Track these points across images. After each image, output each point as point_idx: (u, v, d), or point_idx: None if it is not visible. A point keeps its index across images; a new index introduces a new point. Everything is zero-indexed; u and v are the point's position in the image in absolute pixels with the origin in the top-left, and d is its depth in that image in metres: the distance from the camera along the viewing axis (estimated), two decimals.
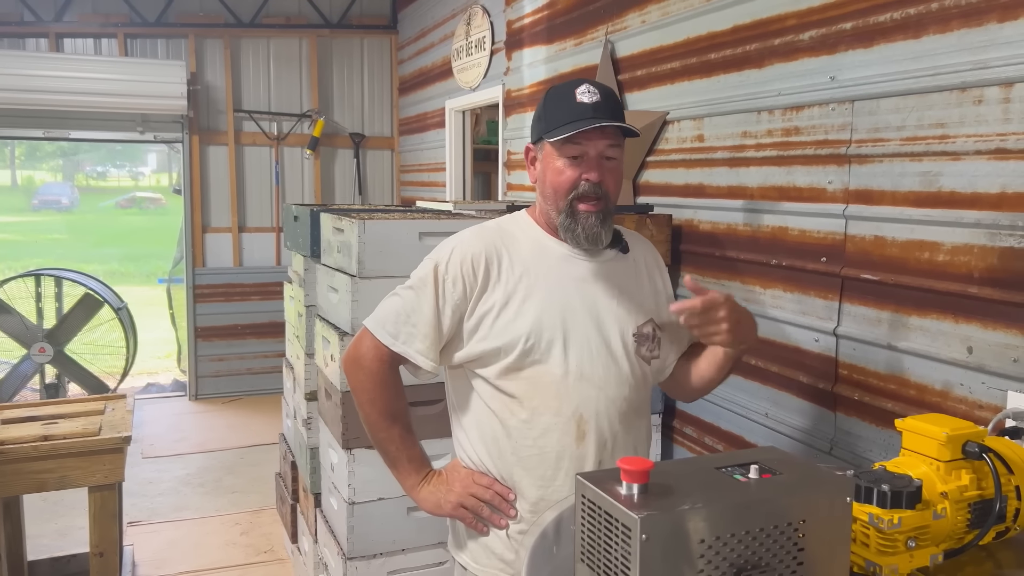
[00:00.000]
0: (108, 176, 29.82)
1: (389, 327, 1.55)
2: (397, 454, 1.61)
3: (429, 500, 1.60)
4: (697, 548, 0.91)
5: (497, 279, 1.52)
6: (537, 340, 1.49)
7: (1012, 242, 1.65)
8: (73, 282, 5.57)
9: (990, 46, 1.68)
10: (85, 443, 2.67)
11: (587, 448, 1.51)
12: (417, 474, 1.61)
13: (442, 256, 1.54)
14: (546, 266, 1.54)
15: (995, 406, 1.68)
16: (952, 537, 1.13)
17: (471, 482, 1.55)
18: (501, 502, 1.54)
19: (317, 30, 6.15)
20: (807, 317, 2.21)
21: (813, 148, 2.17)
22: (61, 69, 5.35)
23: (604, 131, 1.46)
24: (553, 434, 1.50)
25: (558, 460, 1.51)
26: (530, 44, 3.88)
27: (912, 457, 1.17)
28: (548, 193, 1.52)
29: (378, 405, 1.58)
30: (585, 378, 1.50)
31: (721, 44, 2.52)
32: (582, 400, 1.50)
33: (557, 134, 1.46)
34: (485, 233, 1.58)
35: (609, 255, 1.58)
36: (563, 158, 1.48)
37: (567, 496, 1.54)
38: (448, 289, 1.51)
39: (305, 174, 6.27)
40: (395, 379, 1.59)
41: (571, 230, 1.50)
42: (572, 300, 1.52)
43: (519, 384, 1.50)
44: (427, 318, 1.52)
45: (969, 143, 1.73)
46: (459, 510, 1.56)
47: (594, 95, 1.47)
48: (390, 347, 1.54)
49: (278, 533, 3.83)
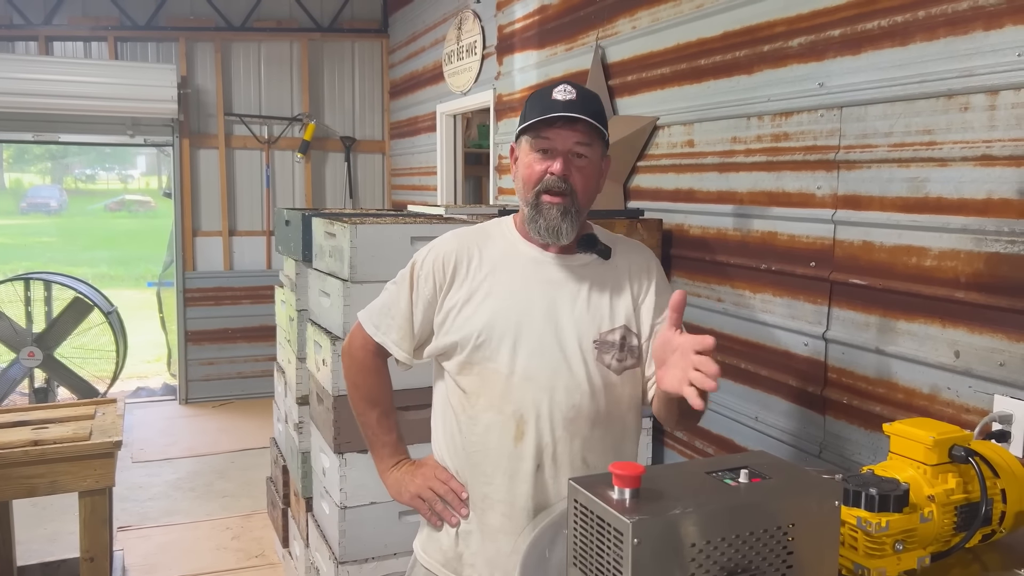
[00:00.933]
0: (97, 179, 29.70)
1: (374, 318, 1.67)
2: (373, 437, 1.72)
3: (393, 486, 1.69)
4: (688, 552, 0.92)
5: (465, 276, 1.56)
6: (488, 337, 1.51)
7: (998, 247, 1.67)
8: (62, 286, 5.55)
9: (976, 54, 1.70)
10: (75, 448, 2.66)
11: (525, 449, 1.51)
12: (389, 459, 1.70)
13: (421, 254, 1.63)
14: (514, 267, 1.56)
15: (982, 409, 1.70)
16: (939, 540, 1.15)
17: (432, 475, 1.61)
18: (454, 499, 1.58)
19: (308, 33, 6.15)
20: (796, 321, 2.22)
21: (802, 154, 2.19)
22: (51, 72, 5.33)
23: (573, 127, 1.48)
24: (493, 432, 1.53)
25: (497, 458, 1.53)
26: (521, 49, 3.89)
27: (899, 461, 1.19)
28: (519, 187, 1.55)
29: (360, 390, 1.71)
30: (531, 379, 1.50)
31: (711, 50, 2.54)
32: (525, 401, 1.51)
33: (525, 123, 1.49)
34: (464, 234, 1.64)
35: (584, 259, 1.57)
36: (534, 152, 1.51)
37: (560, 500, 1.55)
38: (421, 285, 1.59)
39: (296, 178, 6.27)
40: (378, 367, 1.70)
41: (535, 222, 1.51)
42: (532, 302, 1.52)
43: (470, 380, 1.55)
44: (403, 311, 1.61)
45: (956, 150, 1.75)
46: (416, 500, 1.63)
47: (570, 94, 1.49)
48: (373, 336, 1.65)
49: (269, 537, 3.82)
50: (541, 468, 1.52)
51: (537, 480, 1.52)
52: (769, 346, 2.33)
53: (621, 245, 1.65)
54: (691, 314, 2.67)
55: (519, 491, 1.52)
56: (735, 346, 2.47)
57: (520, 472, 1.52)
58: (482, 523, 1.56)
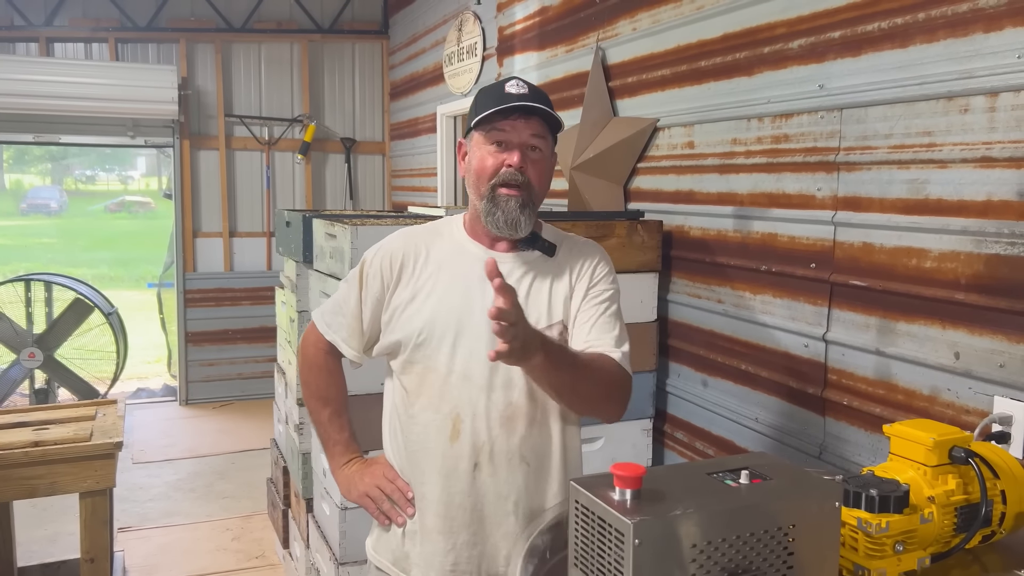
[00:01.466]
0: (97, 180, 29.69)
1: (326, 317, 1.68)
2: (325, 435, 1.72)
3: (343, 484, 1.69)
4: (689, 552, 0.92)
5: (411, 275, 1.57)
6: (429, 336, 1.52)
7: (998, 249, 1.67)
8: (63, 287, 5.55)
9: (975, 56, 1.71)
10: (76, 449, 2.66)
11: (461, 448, 1.51)
12: (341, 456, 1.70)
13: (370, 254, 1.64)
14: (458, 266, 1.56)
15: (981, 411, 1.71)
16: (939, 541, 1.15)
17: (380, 475, 1.62)
18: (400, 498, 1.59)
19: (308, 35, 6.16)
20: (796, 323, 2.23)
21: (802, 155, 2.19)
22: (51, 73, 5.33)
23: (528, 120, 1.48)
24: (431, 431, 1.54)
25: (433, 457, 1.54)
26: (521, 50, 3.90)
27: (900, 462, 1.19)
28: (472, 181, 1.54)
29: (311, 388, 1.72)
30: (469, 378, 1.51)
31: (711, 52, 2.54)
32: (461, 400, 1.51)
33: (482, 119, 1.48)
34: (413, 232, 1.65)
35: (528, 257, 1.57)
36: (488, 145, 1.50)
37: (560, 501, 1.55)
38: (370, 283, 1.60)
39: (296, 179, 6.27)
40: (331, 365, 1.70)
41: (491, 214, 1.50)
42: (474, 300, 1.51)
43: (411, 378, 1.56)
44: (352, 309, 1.62)
45: (955, 151, 1.76)
46: (364, 499, 1.63)
47: (522, 88, 1.50)
48: (324, 335, 1.67)
49: (269, 538, 3.82)
50: (479, 467, 1.52)
51: (475, 479, 1.52)
52: (769, 347, 2.34)
53: (570, 243, 1.63)
54: (691, 315, 2.68)
55: (455, 490, 1.52)
56: (735, 347, 2.47)
57: (456, 471, 1.52)
58: (421, 522, 1.56)
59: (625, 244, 2.58)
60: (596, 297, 1.56)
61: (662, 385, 2.80)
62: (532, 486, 1.55)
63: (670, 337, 2.78)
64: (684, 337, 2.72)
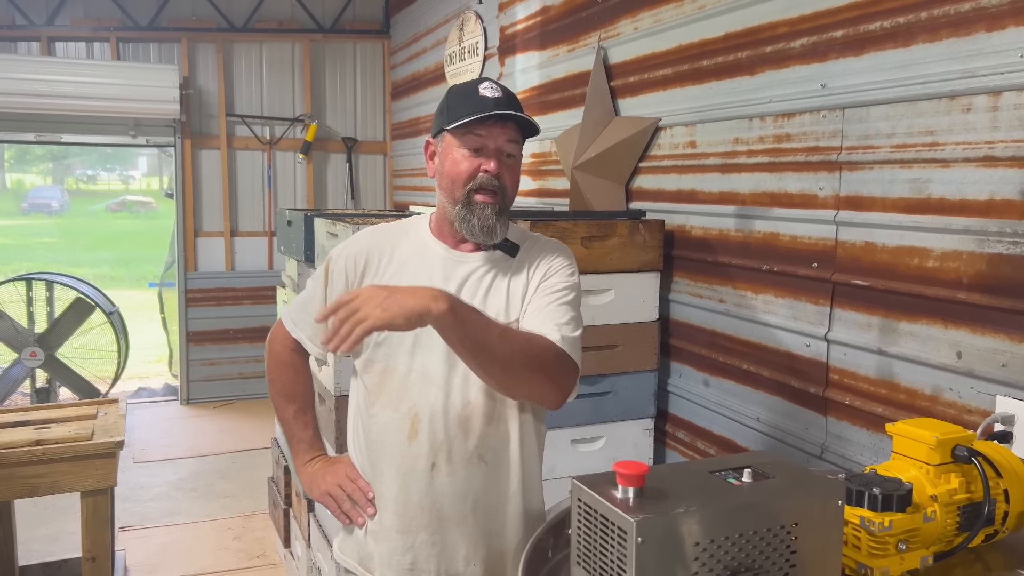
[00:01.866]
0: (98, 179, 29.72)
1: (293, 314, 1.69)
2: (289, 433, 1.72)
3: (306, 482, 1.69)
4: (692, 551, 0.92)
5: (375, 274, 1.57)
6: (388, 336, 1.52)
7: (1000, 248, 1.67)
8: (64, 286, 5.55)
9: (978, 55, 1.70)
10: (78, 448, 2.66)
11: (419, 447, 1.52)
12: (305, 454, 1.70)
13: (336, 251, 1.64)
14: (420, 265, 1.56)
15: (984, 410, 1.70)
16: (942, 540, 1.15)
17: (343, 474, 1.62)
18: (361, 497, 1.59)
19: (310, 35, 6.16)
20: (798, 322, 2.22)
21: (804, 155, 2.19)
22: (53, 73, 5.33)
23: (504, 125, 1.48)
24: (389, 430, 1.54)
25: (391, 456, 1.54)
26: (523, 50, 3.90)
27: (902, 461, 1.19)
28: (445, 184, 1.52)
29: (276, 385, 1.72)
30: (427, 377, 1.51)
31: (713, 51, 2.54)
32: (420, 399, 1.51)
33: (455, 123, 1.47)
34: (378, 231, 1.65)
35: (490, 256, 1.57)
36: (462, 149, 1.49)
37: (563, 499, 1.55)
38: (334, 281, 1.60)
39: (297, 178, 6.28)
40: (296, 363, 1.71)
41: (467, 220, 1.50)
42: None
43: (372, 377, 1.56)
44: (317, 307, 1.60)
45: (958, 151, 1.76)
46: (325, 498, 1.63)
47: (496, 91, 1.49)
48: (291, 332, 1.68)
49: (271, 538, 3.82)
50: (436, 467, 1.52)
51: (433, 479, 1.52)
52: (771, 347, 2.33)
53: (532, 242, 1.63)
54: (693, 315, 2.68)
55: (413, 489, 1.53)
56: (737, 347, 2.47)
57: (415, 471, 1.52)
58: (380, 522, 1.57)
59: (627, 244, 2.58)
60: (548, 288, 1.54)
61: (663, 385, 2.80)
62: (491, 485, 1.56)
63: (671, 336, 2.78)
64: (686, 337, 2.72)
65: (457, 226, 1.52)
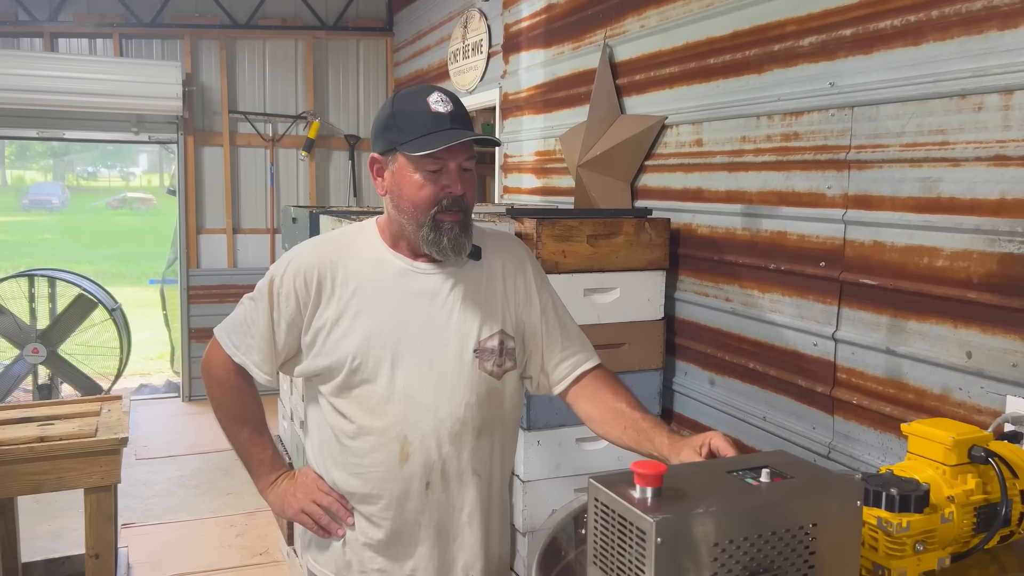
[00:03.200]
0: (99, 176, 29.69)
1: (233, 336, 1.58)
2: (247, 456, 1.64)
3: (276, 503, 1.63)
4: (711, 551, 0.91)
5: (331, 294, 1.49)
6: (364, 359, 1.46)
7: (1011, 248, 1.66)
8: (67, 282, 5.55)
9: (990, 54, 1.70)
10: (81, 444, 2.66)
11: (412, 469, 1.48)
12: (268, 475, 1.64)
13: (278, 270, 1.54)
14: (382, 281, 1.50)
15: (993, 410, 1.70)
16: (958, 541, 1.15)
17: (314, 488, 1.57)
18: (340, 509, 1.54)
19: (313, 32, 6.15)
20: (805, 321, 2.22)
21: (812, 153, 2.18)
22: (56, 69, 5.33)
23: (464, 144, 1.42)
24: (378, 454, 1.49)
25: (383, 480, 1.50)
26: (528, 48, 3.89)
27: (918, 461, 1.18)
28: (406, 208, 1.45)
29: (226, 411, 1.63)
30: (413, 398, 1.47)
31: (720, 49, 2.53)
32: (408, 421, 1.47)
33: (416, 148, 1.39)
34: (323, 245, 1.57)
35: (455, 264, 1.53)
36: (421, 171, 1.42)
37: (576, 498, 1.55)
38: (282, 304, 1.51)
39: (300, 176, 6.27)
40: (243, 385, 1.61)
41: (436, 243, 1.45)
42: (406, 317, 1.48)
43: (349, 403, 1.50)
44: (262, 331, 1.53)
45: (969, 150, 1.75)
46: (300, 516, 1.58)
47: (447, 104, 1.43)
48: (232, 357, 1.57)
49: (273, 535, 3.82)
50: (431, 486, 1.49)
51: (428, 497, 1.50)
52: (778, 346, 2.33)
53: (491, 240, 1.61)
54: (699, 313, 2.67)
55: (408, 509, 1.50)
56: (743, 346, 2.47)
57: (410, 492, 1.49)
58: (368, 536, 1.53)
59: (632, 242, 2.57)
60: (547, 307, 1.61)
61: (668, 384, 2.80)
62: (483, 495, 1.55)
63: (677, 335, 2.77)
64: (691, 335, 2.71)
65: (425, 248, 1.47)
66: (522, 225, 2.51)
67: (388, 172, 1.48)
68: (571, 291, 2.46)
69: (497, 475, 1.59)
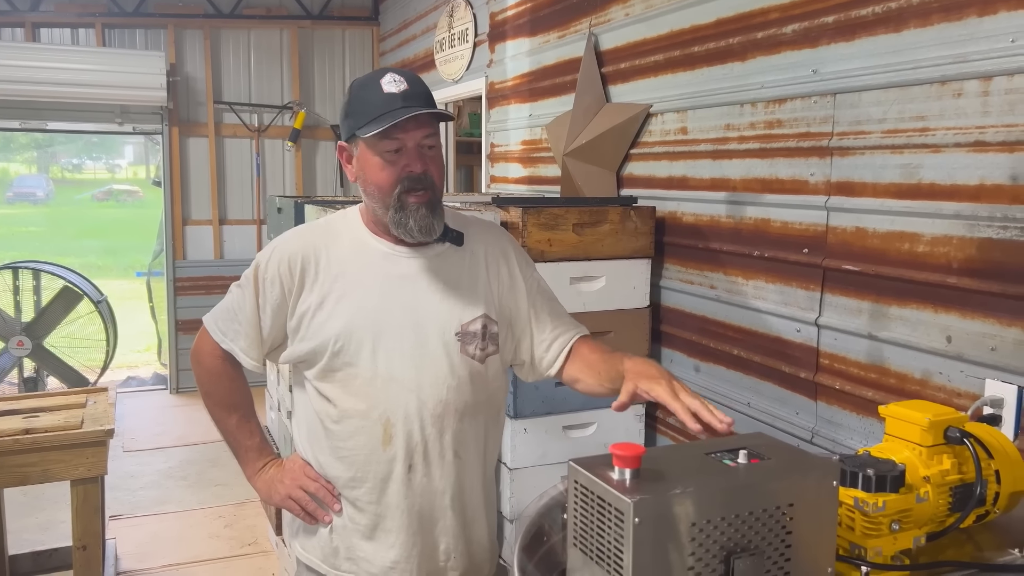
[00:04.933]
0: (84, 168, 29.46)
1: (220, 324, 1.60)
2: (235, 443, 1.66)
3: (263, 489, 1.65)
4: (689, 531, 0.93)
5: (314, 279, 1.51)
6: (346, 342, 1.47)
7: (990, 233, 1.68)
8: (52, 275, 5.52)
9: (969, 40, 1.71)
10: (67, 436, 2.65)
11: (395, 451, 1.49)
12: (255, 463, 1.65)
13: (263, 257, 1.56)
14: (365, 265, 1.51)
15: (973, 394, 1.72)
16: (934, 520, 1.16)
17: (301, 475, 1.58)
18: (326, 495, 1.55)
19: (298, 21, 6.12)
20: (789, 308, 2.23)
21: (795, 140, 2.19)
22: (38, 59, 5.28)
23: (419, 121, 1.42)
24: (361, 437, 1.50)
25: (366, 463, 1.51)
26: (513, 36, 3.88)
27: (895, 442, 1.20)
28: (372, 191, 1.47)
29: (214, 397, 1.65)
30: (395, 380, 1.48)
31: (704, 37, 2.54)
32: (390, 403, 1.48)
33: (369, 130, 1.40)
34: (307, 232, 1.59)
35: (437, 249, 1.54)
36: (380, 154, 1.44)
37: (555, 484, 1.56)
38: (267, 290, 1.53)
39: (286, 166, 6.24)
40: (231, 372, 1.62)
41: (403, 224, 1.45)
42: (389, 300, 1.49)
43: (333, 387, 1.51)
44: (248, 317, 1.55)
45: (949, 136, 1.76)
46: (287, 501, 1.59)
47: (400, 84, 1.43)
48: (220, 344, 1.60)
49: (262, 525, 3.82)
50: (413, 468, 1.50)
51: (410, 480, 1.51)
52: (761, 332, 2.34)
53: (473, 227, 1.62)
54: (684, 301, 2.68)
55: (391, 491, 1.51)
56: (728, 332, 2.48)
57: (392, 474, 1.50)
58: (354, 521, 1.54)
59: (618, 230, 2.58)
60: (532, 290, 1.62)
61: None
62: (465, 478, 1.56)
63: (663, 323, 2.79)
64: (676, 323, 2.73)
65: (394, 230, 1.48)
66: (508, 214, 2.52)
67: (355, 159, 1.51)
68: (557, 280, 2.47)
69: (480, 459, 1.60)
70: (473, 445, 1.57)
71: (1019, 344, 1.63)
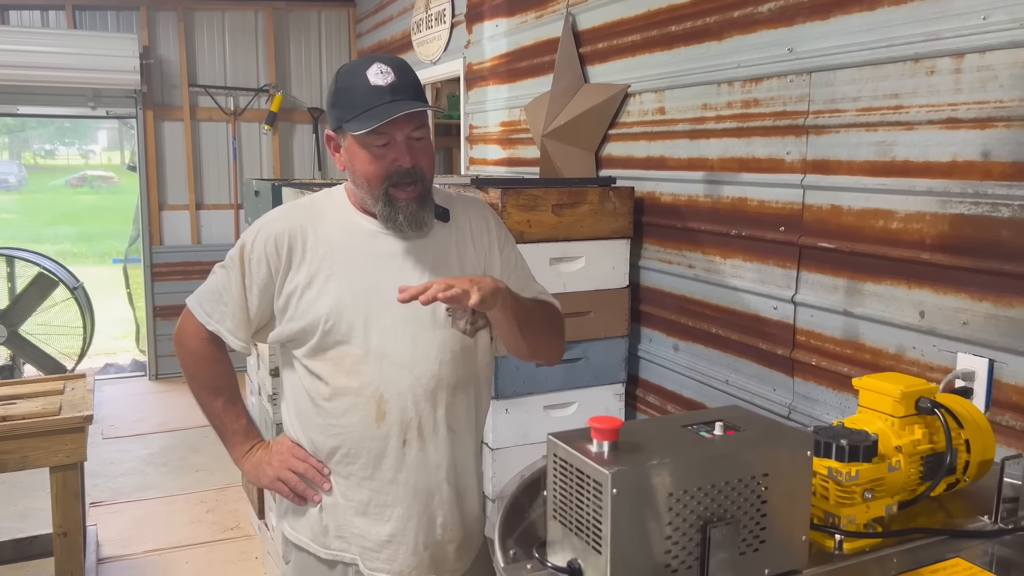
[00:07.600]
0: (57, 154, 29.00)
1: (205, 305, 1.59)
2: (222, 426, 1.65)
3: (251, 472, 1.64)
4: (666, 501, 0.94)
5: (302, 258, 1.50)
6: (337, 321, 1.48)
7: (962, 209, 1.70)
8: (26, 261, 5.45)
9: (942, 18, 1.72)
10: (45, 423, 2.63)
11: (389, 427, 1.50)
12: (242, 445, 1.65)
13: (248, 236, 1.55)
14: (353, 244, 1.51)
15: (945, 368, 1.75)
16: (906, 489, 1.19)
17: (290, 456, 1.58)
18: (316, 475, 1.56)
19: (273, 3, 6.05)
20: (766, 285, 2.26)
21: (772, 119, 2.20)
22: (7, 42, 5.18)
23: (407, 115, 1.41)
24: (354, 414, 1.51)
25: (359, 440, 1.51)
26: (491, 17, 3.86)
27: (868, 414, 1.22)
28: (361, 183, 1.48)
29: (199, 380, 1.64)
30: (387, 357, 1.48)
31: (682, 16, 2.54)
32: (383, 380, 1.49)
33: (358, 126, 1.40)
34: (293, 211, 1.58)
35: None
36: (368, 148, 1.43)
37: (534, 463, 1.57)
38: (254, 270, 1.52)
39: (263, 150, 6.19)
40: (216, 354, 1.62)
41: (392, 219, 1.46)
42: (379, 278, 1.49)
43: (323, 364, 1.51)
44: (235, 298, 1.54)
45: (922, 113, 1.78)
46: (276, 483, 1.59)
47: (388, 75, 1.42)
48: (205, 325, 1.58)
49: (244, 510, 3.82)
50: (407, 443, 1.52)
51: (404, 456, 1.52)
52: (739, 310, 2.37)
53: (457, 203, 1.63)
54: (663, 280, 2.70)
55: (385, 467, 1.52)
56: (706, 311, 2.50)
57: (387, 450, 1.51)
58: (347, 498, 1.55)
59: (597, 211, 2.59)
60: (508, 267, 1.63)
61: (634, 350, 2.83)
62: (458, 451, 1.57)
63: (642, 303, 2.81)
64: (655, 302, 2.75)
65: (383, 223, 1.49)
66: (487, 195, 2.52)
67: (343, 149, 1.50)
68: (537, 260, 2.47)
69: (472, 431, 1.61)
70: (465, 418, 1.58)
71: (990, 318, 1.66)
